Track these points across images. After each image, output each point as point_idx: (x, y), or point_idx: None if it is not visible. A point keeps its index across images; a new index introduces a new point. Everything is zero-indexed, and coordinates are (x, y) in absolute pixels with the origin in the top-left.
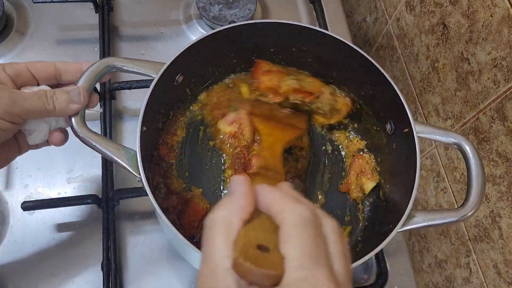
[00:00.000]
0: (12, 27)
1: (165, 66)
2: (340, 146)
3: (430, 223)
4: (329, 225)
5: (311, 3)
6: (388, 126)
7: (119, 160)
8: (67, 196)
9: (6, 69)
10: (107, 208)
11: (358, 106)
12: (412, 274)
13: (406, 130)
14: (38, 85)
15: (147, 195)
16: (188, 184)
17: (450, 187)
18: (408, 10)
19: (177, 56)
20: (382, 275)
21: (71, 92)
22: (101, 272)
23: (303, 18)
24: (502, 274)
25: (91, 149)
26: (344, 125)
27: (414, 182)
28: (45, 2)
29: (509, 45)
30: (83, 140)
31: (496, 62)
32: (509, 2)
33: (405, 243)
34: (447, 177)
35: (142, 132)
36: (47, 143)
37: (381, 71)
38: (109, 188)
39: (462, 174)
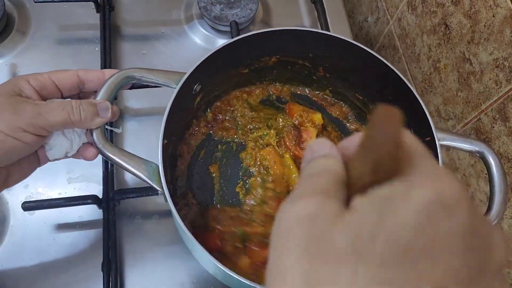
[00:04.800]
0: (13, 26)
1: (185, 77)
2: None
3: None
4: None
5: (313, 3)
6: None
7: (140, 175)
8: (68, 196)
9: (31, 81)
10: (108, 208)
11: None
12: None
13: (427, 138)
14: (62, 97)
15: (147, 195)
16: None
17: None
18: (409, 10)
19: (197, 66)
20: None
21: (99, 105)
22: (101, 272)
23: (305, 18)
24: (504, 275)
25: None
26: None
27: None
28: (46, 1)
29: (511, 45)
30: (104, 154)
31: (498, 63)
32: (511, 2)
33: None
34: None
35: (163, 145)
36: (66, 156)
37: (401, 78)
38: (109, 188)
39: (464, 174)
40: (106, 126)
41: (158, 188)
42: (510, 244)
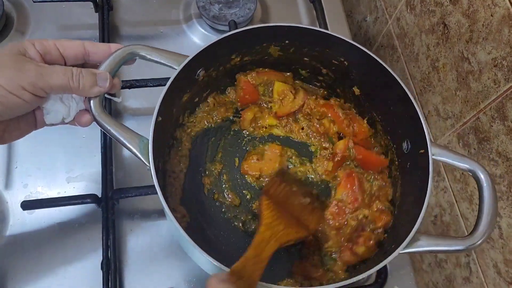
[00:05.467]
0: (12, 26)
1: (187, 59)
2: None
3: (434, 248)
4: None
5: (311, 3)
6: (404, 145)
7: (131, 147)
8: (67, 195)
9: (36, 45)
10: (107, 207)
11: (376, 121)
12: (412, 274)
13: (422, 151)
14: (65, 65)
15: (146, 194)
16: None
17: (450, 186)
18: (408, 10)
19: (201, 51)
20: (382, 274)
21: (98, 74)
22: (101, 271)
23: (303, 18)
24: (502, 273)
25: (91, 148)
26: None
27: (423, 204)
28: (45, 1)
29: (510, 44)
30: (99, 124)
31: (497, 62)
32: (509, 2)
33: None
34: (447, 176)
35: (157, 122)
36: (62, 122)
37: (404, 90)
38: (108, 188)
39: (462, 173)
40: (106, 95)
41: (146, 163)
42: (509, 242)
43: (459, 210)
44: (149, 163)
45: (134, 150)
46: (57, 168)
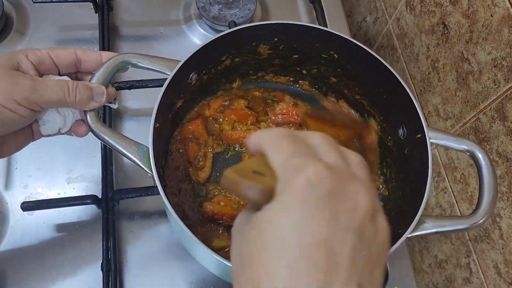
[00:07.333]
0: (11, 27)
1: (179, 65)
2: None
3: (440, 229)
4: (314, 135)
5: (311, 3)
6: (400, 131)
7: (131, 156)
8: (67, 196)
9: (29, 56)
10: (107, 208)
11: (369, 110)
12: (412, 274)
13: (418, 135)
14: (59, 73)
15: (146, 195)
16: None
17: (450, 187)
18: (408, 10)
19: (192, 55)
20: None
21: (94, 89)
22: (101, 272)
23: (303, 18)
24: (503, 274)
25: (91, 148)
26: None
27: (425, 188)
28: (45, 2)
29: (509, 45)
30: (96, 135)
31: (496, 62)
32: (509, 2)
33: (405, 243)
34: (447, 177)
35: (155, 128)
36: (59, 132)
37: (395, 76)
38: (108, 188)
39: (462, 174)
40: None
41: (148, 171)
42: (510, 243)
43: (459, 210)
44: (150, 170)
45: (134, 159)
46: (57, 168)
